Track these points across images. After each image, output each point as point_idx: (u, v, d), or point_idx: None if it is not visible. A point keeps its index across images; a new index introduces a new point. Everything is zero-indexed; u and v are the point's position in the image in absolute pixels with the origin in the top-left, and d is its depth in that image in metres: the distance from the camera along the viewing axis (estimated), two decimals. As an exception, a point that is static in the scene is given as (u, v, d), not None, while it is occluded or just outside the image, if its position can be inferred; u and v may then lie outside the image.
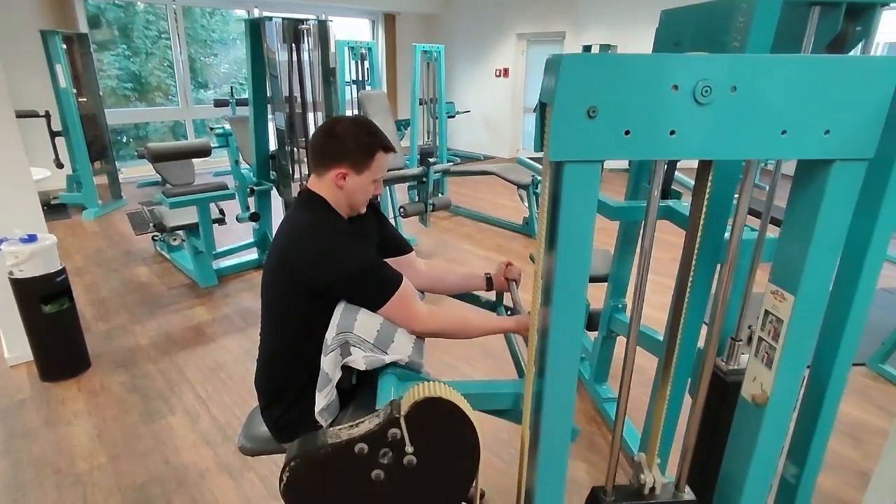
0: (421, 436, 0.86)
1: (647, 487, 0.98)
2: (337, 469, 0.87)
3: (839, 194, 0.76)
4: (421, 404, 0.84)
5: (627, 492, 0.99)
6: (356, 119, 1.30)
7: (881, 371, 2.67)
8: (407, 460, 0.87)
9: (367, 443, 0.85)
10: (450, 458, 0.90)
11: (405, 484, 0.89)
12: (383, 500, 0.89)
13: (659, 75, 0.68)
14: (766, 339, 0.89)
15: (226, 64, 9.35)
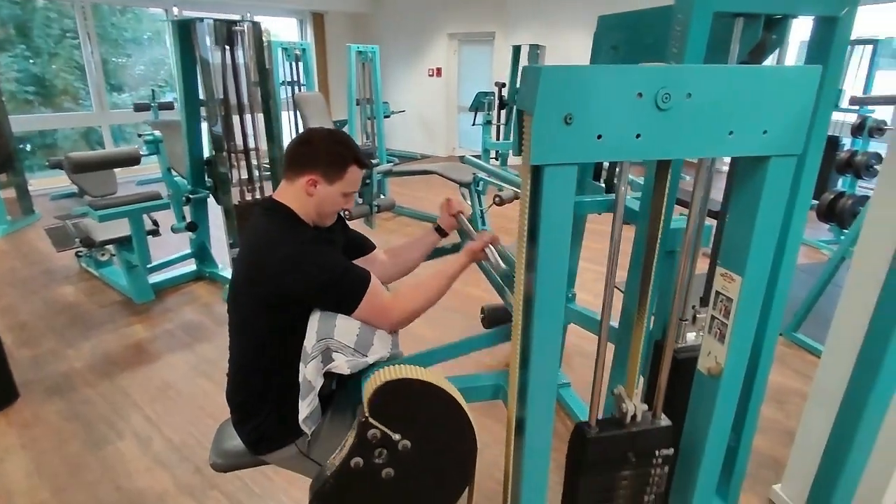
0: (400, 420, 0.90)
1: (629, 415, 1.02)
2: (350, 490, 0.91)
3: (776, 185, 0.87)
4: (377, 396, 0.87)
5: (610, 423, 1.03)
6: (333, 131, 1.30)
7: (795, 339, 2.98)
8: (402, 446, 0.91)
9: (358, 455, 0.88)
10: (440, 429, 0.94)
11: (415, 469, 0.93)
12: (405, 491, 0.93)
13: (626, 84, 0.75)
14: (718, 316, 1.00)
15: (141, 65, 8.78)
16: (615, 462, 1.02)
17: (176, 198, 3.39)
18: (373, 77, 5.34)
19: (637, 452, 1.01)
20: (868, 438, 1.17)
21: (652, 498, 1.07)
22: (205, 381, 2.59)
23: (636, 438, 1.01)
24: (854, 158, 4.35)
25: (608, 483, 1.03)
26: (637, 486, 1.05)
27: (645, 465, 1.03)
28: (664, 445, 1.03)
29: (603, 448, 1.00)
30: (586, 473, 1.01)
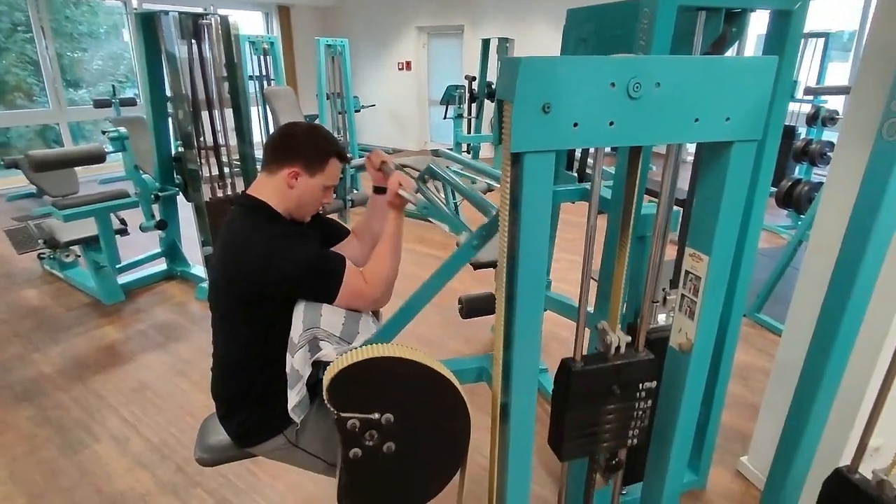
0: (369, 399, 0.93)
1: (613, 347, 1.06)
2: (367, 476, 0.99)
3: (738, 169, 0.92)
4: (334, 385, 0.92)
5: (594, 357, 1.06)
6: (314, 125, 1.31)
7: (757, 319, 3.12)
8: (385, 420, 0.95)
9: (352, 446, 0.92)
10: (414, 392, 0.97)
11: (409, 434, 0.98)
12: (414, 457, 0.99)
13: (600, 75, 0.79)
14: (688, 294, 1.06)
15: (99, 60, 8.46)
16: (600, 395, 1.04)
17: (144, 196, 3.31)
18: (343, 71, 5.30)
19: (621, 385, 1.04)
20: (824, 407, 1.26)
21: (636, 432, 1.11)
22: (182, 381, 2.56)
23: (620, 371, 1.04)
24: (809, 147, 4.55)
25: (594, 416, 1.06)
26: (622, 419, 1.08)
27: (629, 398, 1.07)
28: (647, 378, 1.07)
29: (588, 381, 1.02)
30: (572, 407, 1.03)
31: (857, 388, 1.52)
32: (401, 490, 1.03)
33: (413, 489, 1.05)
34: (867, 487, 1.12)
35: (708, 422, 1.85)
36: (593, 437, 1.08)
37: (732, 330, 1.73)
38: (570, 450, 1.08)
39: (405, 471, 1.00)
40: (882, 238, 1.06)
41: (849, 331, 1.15)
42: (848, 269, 1.11)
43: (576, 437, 1.06)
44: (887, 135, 1.00)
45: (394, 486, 1.02)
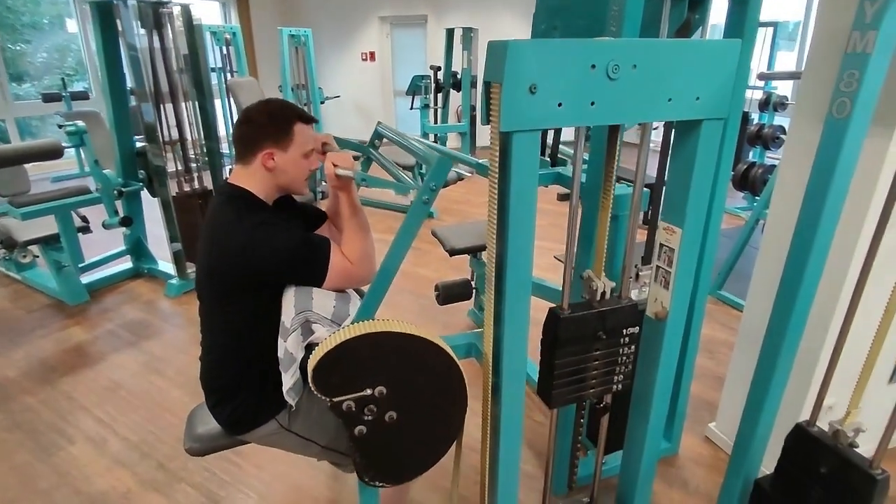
0: (355, 379, 0.97)
1: (598, 294, 1.11)
2: (378, 449, 1.03)
3: (707, 145, 0.99)
4: (316, 375, 0.95)
5: (580, 305, 1.10)
6: (267, 100, 1.29)
7: (720, 296, 3.28)
8: (378, 392, 0.98)
9: (354, 425, 0.96)
10: (400, 359, 1.01)
11: (408, 399, 1.01)
12: (417, 417, 1.04)
13: (581, 57, 0.83)
14: (663, 266, 1.12)
15: (43, 52, 8.05)
16: (586, 340, 1.10)
17: (106, 192, 3.20)
18: (307, 62, 5.23)
19: (606, 331, 1.10)
20: (785, 371, 1.35)
21: (620, 377, 1.17)
22: (157, 378, 2.51)
23: (605, 317, 1.09)
24: (762, 131, 4.77)
25: (581, 362, 1.11)
26: (607, 364, 1.14)
27: (614, 343, 1.12)
28: (631, 324, 1.13)
29: (574, 327, 1.07)
30: (560, 353, 1.08)
31: (813, 353, 1.64)
32: (415, 452, 1.08)
33: (426, 448, 1.09)
34: (824, 437, 1.23)
35: (679, 392, 1.95)
36: (581, 382, 1.14)
37: (699, 305, 1.83)
38: (559, 396, 1.13)
39: (414, 433, 1.04)
40: (834, 209, 1.15)
41: (805, 300, 1.25)
42: (804, 241, 1.19)
43: (564, 383, 1.12)
44: (837, 113, 1.09)
45: (406, 449, 1.06)
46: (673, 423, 1.99)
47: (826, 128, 1.11)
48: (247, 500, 1.84)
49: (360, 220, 1.34)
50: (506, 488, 1.16)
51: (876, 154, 1.42)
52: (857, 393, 1.18)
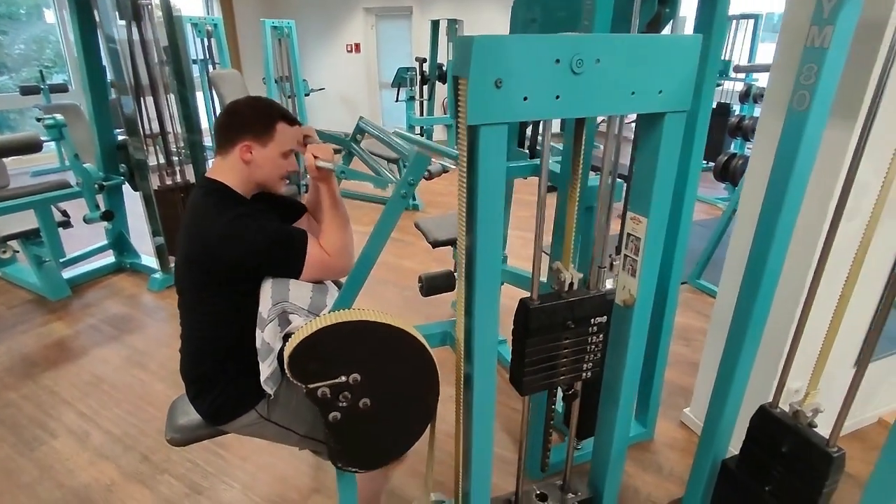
0: (328, 366, 0.99)
1: (567, 284, 1.14)
2: (352, 435, 1.05)
3: (671, 137, 1.02)
4: (292, 363, 0.96)
5: (550, 296, 1.14)
6: (254, 96, 1.32)
7: (698, 285, 3.35)
8: (353, 380, 1.00)
9: (329, 411, 0.98)
10: (372, 347, 1.03)
11: (381, 387, 1.04)
12: (390, 403, 1.06)
13: (546, 52, 0.86)
14: (630, 254, 1.16)
15: (20, 44, 7.88)
16: (556, 329, 1.13)
17: (87, 186, 3.17)
18: (290, 54, 5.19)
19: (575, 320, 1.14)
20: (749, 356, 1.40)
21: (590, 365, 1.22)
22: (140, 372, 2.51)
23: (573, 307, 1.13)
24: (742, 123, 4.84)
25: (550, 350, 1.15)
26: (577, 352, 1.18)
27: (582, 332, 1.16)
28: (599, 313, 1.17)
29: (544, 317, 1.11)
30: (530, 342, 1.12)
31: (781, 338, 1.70)
32: (387, 438, 1.10)
33: (398, 435, 1.12)
34: (785, 417, 1.28)
35: (653, 378, 2.01)
36: (551, 370, 1.17)
37: (672, 293, 1.88)
38: (530, 383, 1.16)
39: (387, 420, 1.06)
40: (795, 198, 1.19)
41: (768, 286, 1.29)
42: (767, 229, 1.24)
43: (535, 371, 1.15)
44: (797, 105, 1.12)
45: (379, 436, 1.09)
46: (647, 408, 2.05)
47: (787, 120, 1.15)
48: (230, 490, 1.86)
49: (339, 212, 1.36)
50: (479, 472, 1.19)
51: (839, 146, 1.46)
52: (815, 375, 1.23)
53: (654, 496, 1.85)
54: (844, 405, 1.18)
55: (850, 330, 1.14)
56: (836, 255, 1.21)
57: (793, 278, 1.56)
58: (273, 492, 1.85)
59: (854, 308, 1.19)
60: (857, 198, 1.50)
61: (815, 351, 1.22)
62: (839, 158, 1.44)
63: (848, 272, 1.12)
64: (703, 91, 1.55)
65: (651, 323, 1.94)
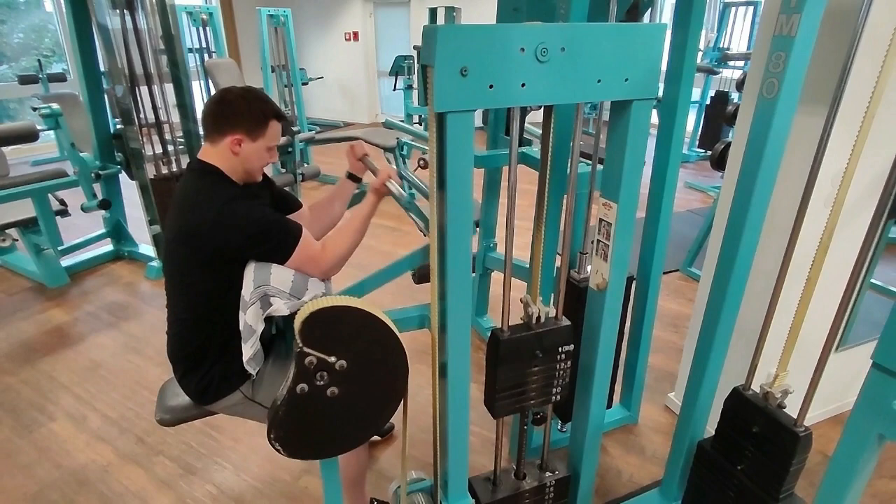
0: (331, 343, 1.01)
1: (535, 317, 1.20)
2: (303, 413, 1.05)
3: (639, 125, 1.04)
4: (308, 322, 0.98)
5: (519, 327, 1.20)
6: (247, 88, 1.33)
7: (690, 273, 3.37)
8: (339, 366, 1.03)
9: (302, 381, 1.00)
10: (371, 346, 1.06)
11: (355, 384, 1.06)
12: (351, 405, 1.07)
13: (510, 41, 0.88)
14: (602, 239, 1.19)
15: (19, 33, 7.88)
16: (525, 359, 1.19)
17: (84, 174, 3.21)
18: (287, 42, 5.18)
19: (543, 349, 1.19)
20: (723, 339, 1.42)
21: (559, 389, 1.26)
22: (136, 357, 2.56)
23: (542, 338, 1.19)
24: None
25: (521, 378, 1.21)
26: (546, 378, 1.24)
27: (551, 360, 1.22)
28: (566, 342, 1.22)
29: (514, 347, 1.16)
30: (501, 371, 1.18)
31: (754, 323, 1.72)
32: (329, 434, 1.11)
33: (339, 436, 1.13)
34: (756, 399, 1.31)
35: (637, 363, 2.04)
36: (522, 395, 1.24)
37: (654, 279, 1.91)
38: (502, 407, 1.23)
39: (342, 417, 1.08)
40: (766, 183, 1.22)
41: (741, 270, 1.32)
42: (739, 214, 1.26)
43: (506, 396, 1.22)
44: (766, 93, 1.14)
45: (325, 428, 1.10)
46: (632, 392, 2.09)
47: (757, 107, 1.18)
48: (223, 471, 1.91)
49: (363, 224, 1.42)
50: (455, 451, 1.23)
51: (814, 133, 1.48)
52: (784, 358, 1.26)
53: (636, 477, 1.89)
54: (811, 387, 1.21)
55: (830, 315, 1.16)
56: (806, 241, 1.24)
57: (766, 264, 1.58)
58: (264, 472, 1.90)
59: (834, 293, 1.21)
60: (829, 186, 1.53)
61: (795, 336, 1.25)
62: (813, 146, 1.46)
63: (813, 258, 1.15)
64: (682, 79, 1.56)
65: (634, 309, 1.98)
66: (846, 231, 1.49)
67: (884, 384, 1.01)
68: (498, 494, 1.35)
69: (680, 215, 4.44)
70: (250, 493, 1.82)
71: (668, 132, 1.65)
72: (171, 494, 1.81)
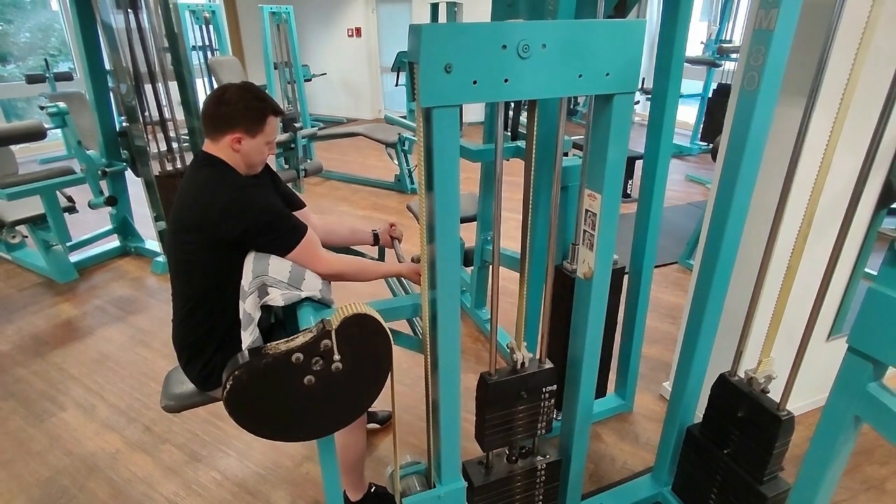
0: (347, 346, 1.06)
1: (519, 363, 1.30)
2: (274, 376, 1.04)
3: (620, 118, 1.08)
4: (349, 319, 1.04)
5: (506, 371, 1.31)
6: (244, 85, 1.37)
7: (688, 265, 3.39)
8: (335, 367, 1.07)
9: (303, 352, 1.03)
10: (369, 363, 1.11)
11: (331, 386, 1.09)
12: (312, 400, 1.09)
13: (492, 38, 0.92)
14: (588, 230, 1.22)
15: (26, 32, 7.96)
16: (512, 399, 1.31)
17: (91, 172, 3.27)
18: (289, 39, 5.23)
19: (528, 390, 1.31)
20: (710, 327, 1.45)
21: (543, 424, 1.38)
22: (144, 350, 2.63)
23: (526, 380, 1.30)
24: (740, 104, 4.82)
25: (508, 416, 1.32)
26: (531, 415, 1.34)
27: (535, 399, 1.33)
28: (549, 383, 1.33)
29: (501, 390, 1.28)
30: (490, 410, 1.29)
31: (740, 313, 1.76)
32: (286, 418, 1.11)
33: (297, 423, 1.13)
34: (740, 384, 1.35)
35: (630, 352, 2.08)
36: (509, 431, 1.34)
37: (647, 272, 1.94)
38: (491, 442, 1.34)
39: (298, 400, 1.09)
40: (749, 173, 1.25)
41: (726, 259, 1.35)
42: (724, 203, 1.29)
43: (494, 432, 1.32)
44: (747, 85, 1.17)
45: (286, 410, 1.09)
46: (626, 381, 2.13)
47: (739, 99, 1.21)
48: (227, 458, 1.97)
49: (373, 276, 1.53)
50: (448, 434, 1.28)
51: (794, 124, 1.50)
52: (766, 345, 1.30)
53: (629, 464, 1.93)
54: (792, 372, 1.25)
55: (809, 305, 1.19)
56: (788, 230, 1.27)
57: (751, 253, 1.61)
58: (267, 459, 1.96)
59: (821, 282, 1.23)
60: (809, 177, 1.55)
61: (778, 322, 1.28)
62: (793, 136, 1.49)
63: (792, 248, 1.18)
64: (671, 72, 1.59)
65: (627, 300, 2.02)
66: (836, 220, 1.51)
67: (859, 367, 1.04)
68: (490, 477, 1.39)
69: (680, 208, 4.46)
70: (253, 479, 1.88)
71: (658, 125, 1.68)
72: (178, 480, 1.88)
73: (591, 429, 1.86)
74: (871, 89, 1.29)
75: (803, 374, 1.24)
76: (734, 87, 1.74)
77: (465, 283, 2.90)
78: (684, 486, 1.60)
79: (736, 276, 1.41)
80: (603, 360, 1.55)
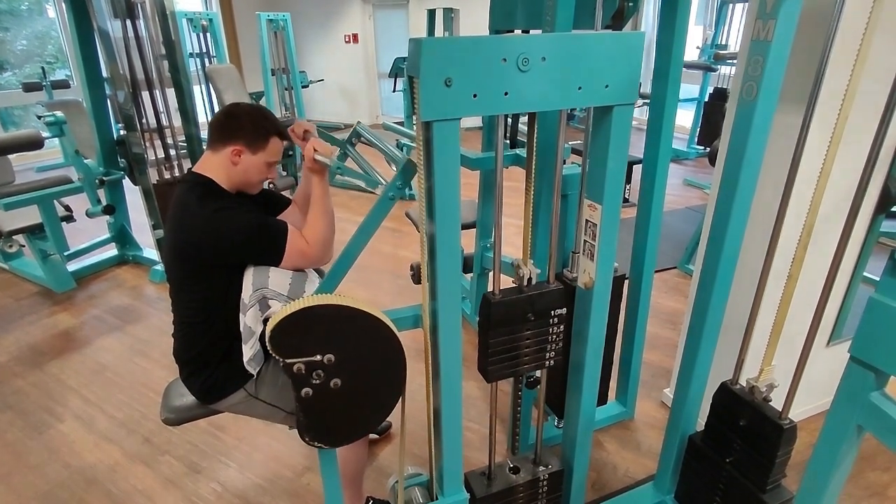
0: (307, 344, 1.06)
1: (525, 279, 1.20)
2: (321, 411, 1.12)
3: (620, 129, 1.08)
4: (275, 335, 1.03)
5: (511, 290, 1.20)
6: (256, 105, 1.40)
7: (688, 270, 3.40)
8: (327, 360, 1.07)
9: (303, 386, 1.06)
10: (351, 333, 1.10)
11: (352, 370, 1.11)
12: (360, 389, 1.14)
13: (492, 52, 0.92)
14: (588, 240, 1.23)
15: (23, 40, 7.95)
16: (517, 322, 1.19)
17: (88, 181, 3.26)
18: (286, 46, 5.24)
19: (535, 313, 1.20)
20: (711, 334, 1.45)
21: (552, 354, 1.28)
22: (142, 360, 2.62)
23: (533, 300, 1.19)
24: (736, 108, 4.84)
25: (513, 341, 1.21)
26: (538, 342, 1.25)
27: (543, 323, 1.22)
28: (558, 306, 1.22)
29: (505, 310, 1.17)
30: (494, 333, 1.18)
31: (741, 321, 1.76)
32: (353, 417, 1.18)
33: (364, 415, 1.19)
34: (742, 392, 1.35)
35: (631, 359, 2.08)
36: (515, 359, 1.24)
37: (647, 278, 1.94)
38: (495, 371, 1.23)
39: (354, 400, 1.14)
40: (749, 181, 1.25)
41: (727, 266, 1.35)
42: (724, 211, 1.29)
43: (499, 360, 1.22)
44: (746, 95, 1.18)
45: (346, 415, 1.16)
46: (627, 389, 2.12)
47: (738, 109, 1.21)
48: (227, 469, 1.96)
49: (325, 205, 1.43)
50: (450, 446, 1.27)
51: (793, 133, 1.51)
52: (768, 353, 1.30)
53: (631, 472, 1.93)
54: (794, 380, 1.24)
55: (811, 311, 1.19)
56: (789, 238, 1.27)
57: (751, 261, 1.61)
58: (268, 470, 1.95)
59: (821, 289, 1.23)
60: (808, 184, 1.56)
61: (779, 331, 1.28)
62: (792, 145, 1.49)
63: (793, 256, 1.18)
64: (669, 79, 1.60)
65: (628, 306, 2.02)
66: (835, 227, 1.52)
67: (861, 377, 1.04)
68: (493, 488, 1.39)
69: (678, 212, 4.47)
70: (254, 491, 1.86)
71: (656, 130, 1.69)
72: (178, 493, 1.86)
73: (593, 436, 1.86)
74: (869, 98, 1.29)
75: (804, 380, 1.24)
76: (732, 97, 1.75)
77: (465, 290, 2.90)
78: (687, 494, 1.60)
79: (736, 284, 1.41)
80: (604, 366, 1.54)
